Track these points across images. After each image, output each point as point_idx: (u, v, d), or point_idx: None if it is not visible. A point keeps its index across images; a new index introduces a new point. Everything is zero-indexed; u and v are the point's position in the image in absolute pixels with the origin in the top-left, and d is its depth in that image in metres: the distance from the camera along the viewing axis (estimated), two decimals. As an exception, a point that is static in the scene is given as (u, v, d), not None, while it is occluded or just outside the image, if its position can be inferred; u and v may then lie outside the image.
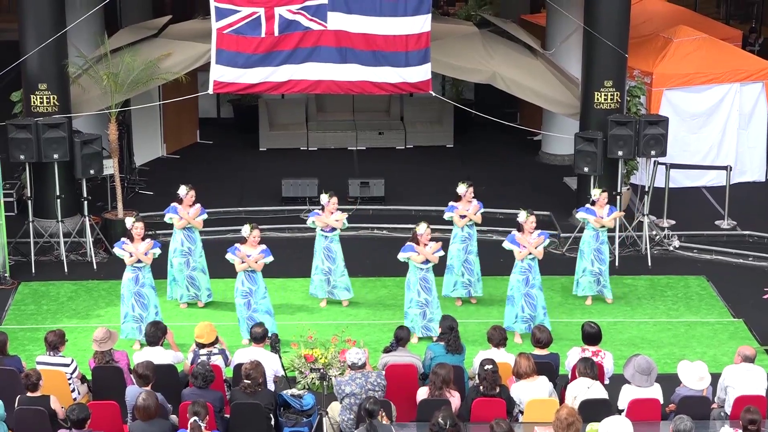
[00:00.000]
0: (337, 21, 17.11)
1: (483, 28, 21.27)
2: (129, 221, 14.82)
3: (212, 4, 17.02)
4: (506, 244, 15.07)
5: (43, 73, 17.59)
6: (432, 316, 14.79)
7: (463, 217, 15.90)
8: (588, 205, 16.21)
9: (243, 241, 14.74)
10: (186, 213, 15.70)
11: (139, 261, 14.63)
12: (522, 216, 14.99)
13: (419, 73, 17.44)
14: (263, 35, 17.07)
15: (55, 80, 17.67)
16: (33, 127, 17.09)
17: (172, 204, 15.82)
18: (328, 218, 15.77)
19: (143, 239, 14.75)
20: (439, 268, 15.60)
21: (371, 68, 17.34)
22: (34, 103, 17.64)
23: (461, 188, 15.93)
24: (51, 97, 17.63)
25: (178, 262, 15.79)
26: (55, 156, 17.21)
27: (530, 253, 14.86)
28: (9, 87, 18.84)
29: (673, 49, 20.77)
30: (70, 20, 17.91)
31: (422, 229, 14.76)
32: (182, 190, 15.77)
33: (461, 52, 19.43)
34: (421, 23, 17.20)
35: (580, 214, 16.29)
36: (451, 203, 16.07)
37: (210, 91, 17.68)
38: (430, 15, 17.28)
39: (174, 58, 18.66)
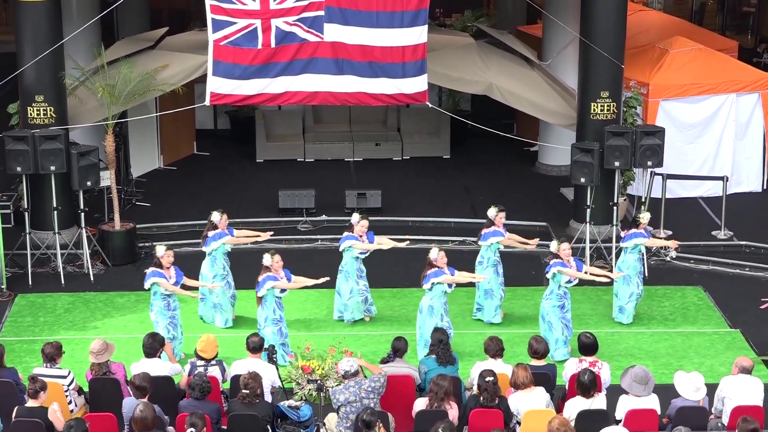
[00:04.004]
0: (334, 32, 17.12)
1: (479, 39, 21.30)
2: (161, 250, 14.64)
3: (209, 16, 17.04)
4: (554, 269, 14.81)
5: (39, 84, 17.59)
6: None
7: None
8: (634, 229, 15.86)
9: (267, 270, 14.66)
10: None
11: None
12: (553, 245, 14.91)
13: (416, 84, 17.46)
14: (260, 47, 17.08)
15: (52, 92, 17.67)
16: (30, 138, 17.07)
17: (219, 230, 15.61)
18: (368, 245, 15.60)
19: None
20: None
21: (368, 79, 17.35)
22: (30, 114, 17.65)
23: (491, 211, 15.78)
24: (48, 108, 17.63)
25: (220, 287, 15.56)
26: (52, 168, 17.19)
27: (569, 279, 14.74)
28: (6, 99, 18.84)
29: (669, 59, 20.79)
30: (67, 32, 17.92)
31: (434, 254, 14.64)
32: (215, 216, 15.66)
33: (458, 63, 19.44)
34: (417, 34, 17.22)
35: (632, 241, 15.73)
36: (484, 231, 15.75)
37: (207, 102, 17.69)
38: (426, 26, 17.31)
39: (171, 70, 18.66)
